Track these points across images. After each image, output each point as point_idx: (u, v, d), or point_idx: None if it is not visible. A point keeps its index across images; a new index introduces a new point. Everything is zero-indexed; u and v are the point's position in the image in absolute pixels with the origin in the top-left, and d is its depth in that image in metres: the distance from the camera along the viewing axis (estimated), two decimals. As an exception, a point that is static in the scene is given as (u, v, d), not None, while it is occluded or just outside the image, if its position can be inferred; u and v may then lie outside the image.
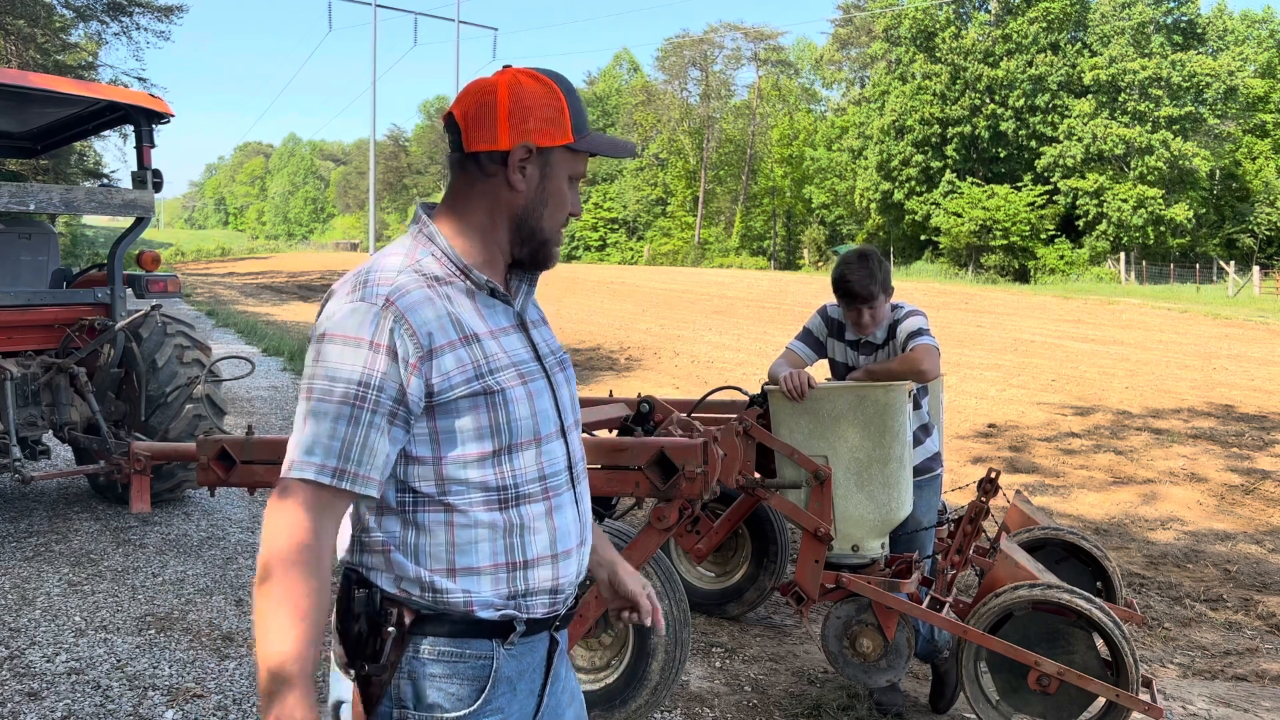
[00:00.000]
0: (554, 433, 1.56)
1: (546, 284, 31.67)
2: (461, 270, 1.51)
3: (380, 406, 1.40)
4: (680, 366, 13.41)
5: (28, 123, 6.66)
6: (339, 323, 1.42)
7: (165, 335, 6.05)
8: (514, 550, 1.49)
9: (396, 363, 1.40)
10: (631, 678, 3.31)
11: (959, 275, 42.56)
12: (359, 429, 1.39)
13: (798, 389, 3.37)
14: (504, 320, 1.55)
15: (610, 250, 64.50)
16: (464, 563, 1.47)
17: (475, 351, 1.47)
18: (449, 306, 1.47)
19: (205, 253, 71.06)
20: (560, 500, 1.55)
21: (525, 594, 1.51)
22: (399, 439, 1.44)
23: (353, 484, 1.39)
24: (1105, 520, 6.48)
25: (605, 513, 3.29)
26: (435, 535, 1.47)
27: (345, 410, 1.39)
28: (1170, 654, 4.38)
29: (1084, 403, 10.84)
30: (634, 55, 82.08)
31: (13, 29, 23.38)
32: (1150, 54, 41.95)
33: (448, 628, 1.48)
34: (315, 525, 1.38)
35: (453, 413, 1.45)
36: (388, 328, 1.40)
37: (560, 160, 1.54)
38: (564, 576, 1.55)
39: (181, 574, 5.07)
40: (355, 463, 1.39)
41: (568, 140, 1.52)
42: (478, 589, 1.48)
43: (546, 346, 1.62)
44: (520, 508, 1.50)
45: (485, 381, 1.46)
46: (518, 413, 1.49)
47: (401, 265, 1.48)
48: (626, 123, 63.99)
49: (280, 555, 1.37)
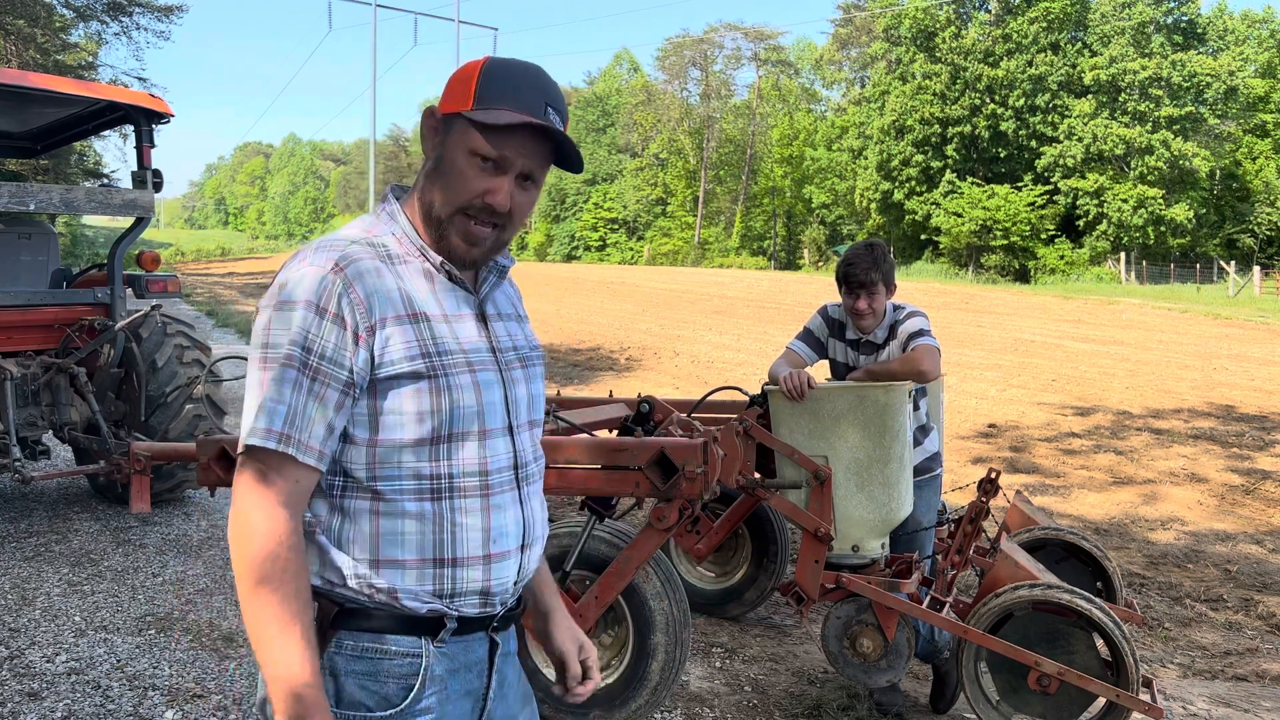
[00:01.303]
0: (500, 429, 1.48)
1: (546, 284, 31.72)
2: (420, 251, 1.46)
3: (324, 374, 1.34)
4: (680, 366, 13.40)
5: (28, 123, 6.66)
6: (288, 289, 1.37)
7: (165, 335, 6.05)
8: (442, 546, 1.42)
9: (345, 330, 1.35)
10: (631, 678, 3.31)
11: (959, 275, 42.56)
12: (301, 394, 1.34)
13: (798, 389, 3.37)
14: (463, 308, 1.49)
15: (610, 250, 64.49)
16: (388, 555, 1.40)
17: (423, 330, 1.41)
18: (400, 282, 1.41)
19: (205, 253, 71.16)
20: (500, 500, 1.47)
21: (452, 594, 1.43)
22: (345, 410, 1.38)
23: (297, 450, 1.33)
24: (1105, 520, 6.48)
25: (605, 513, 3.29)
26: (360, 524, 1.41)
27: (289, 374, 1.33)
28: (1170, 654, 4.38)
29: (1084, 403, 10.83)
30: (634, 55, 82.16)
31: (13, 29, 23.39)
32: (1150, 54, 41.93)
33: (372, 623, 1.41)
34: (278, 498, 1.33)
35: (394, 392, 1.38)
36: (335, 293, 1.35)
37: (460, 132, 1.42)
38: (497, 579, 1.47)
39: (181, 574, 5.06)
40: (299, 429, 1.34)
41: (465, 107, 1.41)
42: (402, 583, 1.40)
43: (510, 341, 1.55)
44: (453, 500, 1.43)
45: (429, 362, 1.39)
46: (461, 400, 1.42)
47: (356, 236, 1.44)
48: (626, 123, 64.02)
49: (254, 550, 1.31)
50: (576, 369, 13.13)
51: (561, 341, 16.00)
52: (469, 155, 1.42)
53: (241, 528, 1.34)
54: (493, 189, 1.42)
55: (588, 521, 3.30)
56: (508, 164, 1.42)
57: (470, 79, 1.43)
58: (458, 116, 1.42)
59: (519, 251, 69.47)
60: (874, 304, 3.71)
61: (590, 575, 3.31)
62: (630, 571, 3.21)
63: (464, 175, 1.42)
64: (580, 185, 67.77)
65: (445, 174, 1.44)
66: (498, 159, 1.41)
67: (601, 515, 3.29)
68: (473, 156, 1.41)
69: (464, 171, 1.42)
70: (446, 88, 1.47)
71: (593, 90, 73.13)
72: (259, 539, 1.32)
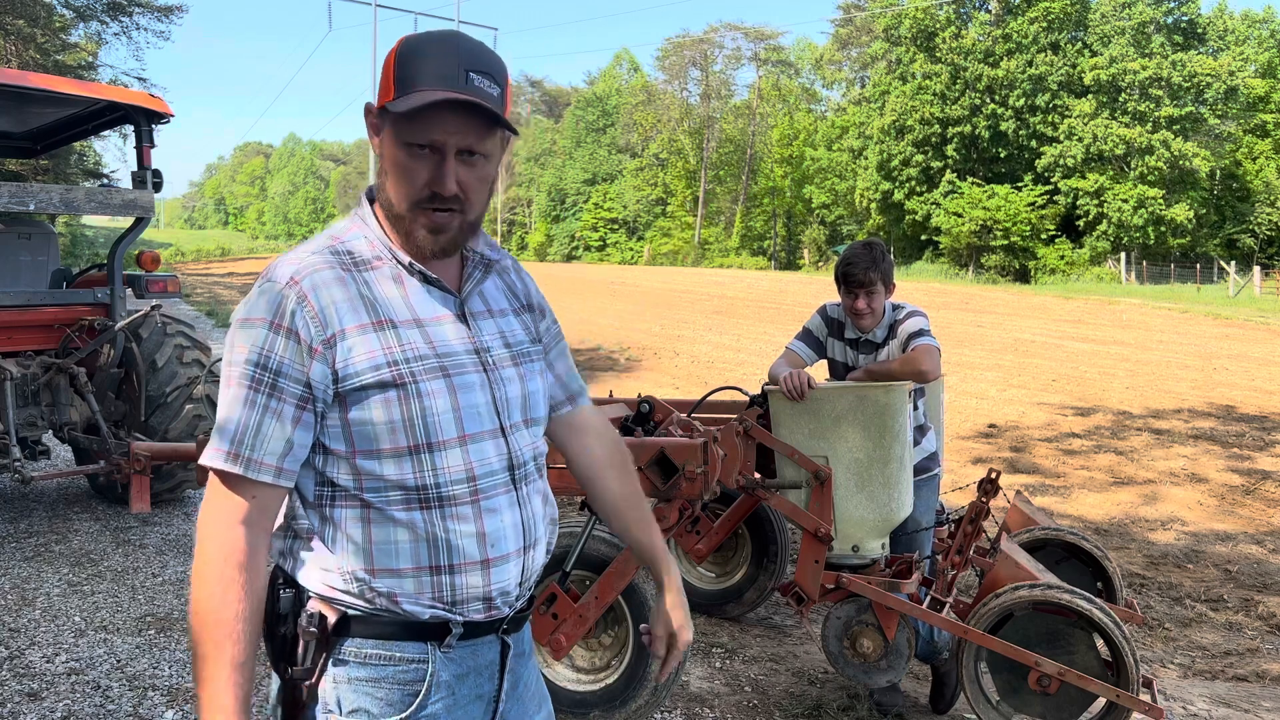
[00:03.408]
0: (486, 432, 1.43)
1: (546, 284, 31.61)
2: (390, 253, 1.42)
3: (278, 390, 1.32)
4: (680, 366, 13.41)
5: (28, 123, 6.66)
6: (246, 306, 1.36)
7: (165, 335, 6.05)
8: (437, 554, 1.39)
9: (299, 345, 1.33)
10: (632, 678, 3.31)
11: (959, 275, 42.57)
12: (254, 412, 1.32)
13: (798, 389, 3.37)
14: (441, 309, 1.44)
15: (610, 250, 64.50)
16: (383, 564, 1.38)
17: (387, 338, 1.36)
18: (364, 290, 1.38)
19: (205, 253, 71.19)
20: (494, 503, 1.42)
21: (454, 601, 1.40)
22: (308, 426, 1.36)
23: (246, 469, 1.32)
24: (1106, 521, 6.48)
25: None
26: (353, 534, 1.38)
27: (242, 393, 1.33)
28: (1171, 654, 4.38)
29: (1084, 403, 10.83)
30: (634, 55, 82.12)
31: (13, 29, 23.38)
32: (1150, 54, 41.93)
33: (376, 629, 1.39)
34: (233, 516, 1.33)
35: (362, 403, 1.35)
36: (289, 309, 1.33)
37: (389, 124, 1.37)
38: (498, 583, 1.43)
39: (181, 574, 5.06)
40: (249, 447, 1.32)
41: (389, 99, 1.35)
42: (401, 590, 1.38)
43: (499, 339, 1.49)
44: (444, 509, 1.39)
45: (396, 370, 1.35)
46: (434, 407, 1.37)
47: (320, 246, 1.41)
48: (626, 123, 64.02)
49: (202, 573, 1.32)
50: (577, 369, 13.12)
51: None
52: (403, 147, 1.36)
53: (198, 546, 1.35)
54: (435, 177, 1.37)
55: (588, 521, 3.30)
56: (441, 146, 1.36)
57: (388, 66, 1.37)
58: (385, 110, 1.37)
59: (519, 251, 69.47)
60: (873, 304, 3.71)
61: (590, 575, 3.31)
62: (630, 571, 3.21)
63: (406, 169, 1.37)
64: (580, 185, 67.81)
65: (391, 171, 1.39)
66: (429, 144, 1.35)
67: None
68: (407, 147, 1.36)
69: (404, 165, 1.37)
70: (381, 76, 1.41)
71: (593, 90, 73.14)
72: (207, 562, 1.33)
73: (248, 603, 1.32)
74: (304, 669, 1.38)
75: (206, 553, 1.33)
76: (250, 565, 1.33)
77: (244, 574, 1.32)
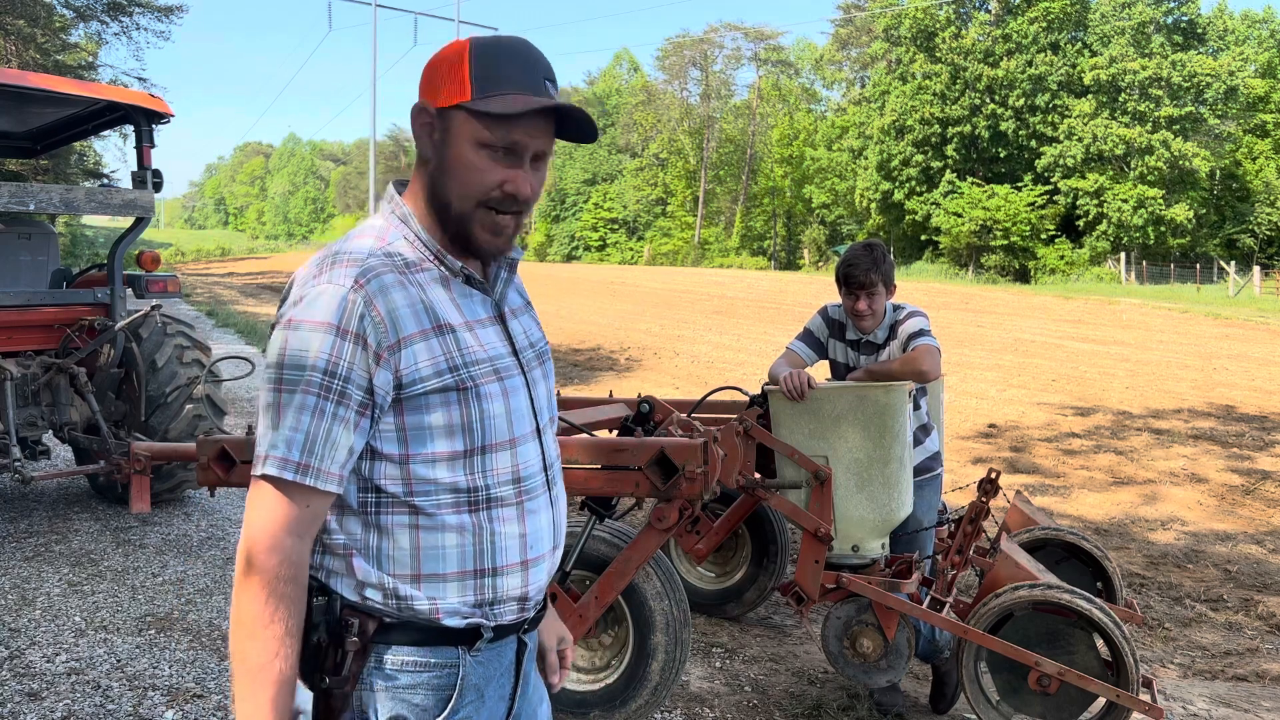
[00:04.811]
0: (529, 433, 1.45)
1: (546, 284, 31.70)
2: (435, 255, 1.41)
3: (346, 398, 1.30)
4: (680, 366, 13.40)
5: (28, 123, 6.66)
6: (305, 307, 1.31)
7: (165, 335, 6.05)
8: (483, 557, 1.40)
9: (365, 351, 1.30)
10: (631, 678, 3.31)
11: (959, 275, 42.56)
12: (324, 421, 1.29)
13: (798, 389, 3.37)
14: (481, 311, 1.44)
15: (610, 250, 64.48)
16: (430, 569, 1.38)
17: (448, 343, 1.36)
18: (421, 294, 1.36)
19: (205, 253, 71.11)
20: (535, 504, 1.45)
21: (493, 602, 1.42)
22: (365, 432, 1.34)
23: (315, 479, 1.30)
24: (1106, 520, 6.48)
25: (605, 513, 3.29)
26: (399, 539, 1.37)
27: (310, 401, 1.29)
28: (1170, 654, 4.38)
29: (1084, 403, 10.83)
30: (634, 55, 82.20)
31: (13, 29, 23.37)
32: (1150, 54, 41.92)
33: (412, 636, 1.39)
34: (288, 527, 1.31)
35: (422, 408, 1.35)
36: (357, 313, 1.30)
37: (461, 123, 1.35)
38: (534, 583, 1.46)
39: (181, 574, 5.06)
40: (319, 457, 1.30)
41: (464, 99, 1.34)
42: (444, 596, 1.38)
43: (525, 339, 1.51)
44: (491, 511, 1.40)
45: (458, 375, 1.36)
46: (491, 411, 1.38)
47: (372, 248, 1.38)
48: (626, 123, 64.00)
49: (252, 584, 1.29)
50: (576, 369, 13.12)
51: (562, 341, 15.99)
52: (478, 147, 1.36)
53: (250, 557, 1.31)
54: (511, 178, 1.37)
55: (588, 521, 3.30)
56: (521, 149, 1.37)
57: (460, 65, 1.36)
58: (457, 109, 1.36)
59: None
60: (874, 304, 3.72)
61: (590, 575, 3.31)
62: (630, 571, 3.21)
63: (477, 168, 1.36)
64: (580, 185, 67.78)
65: (454, 169, 1.37)
66: (509, 145, 1.36)
67: (601, 515, 3.29)
68: (483, 148, 1.36)
69: (476, 164, 1.36)
70: (431, 76, 1.40)
71: (593, 90, 73.13)
72: (262, 573, 1.30)
73: (296, 619, 1.32)
74: (342, 678, 1.36)
75: (261, 564, 1.30)
76: (300, 579, 1.32)
77: (294, 587, 1.31)
